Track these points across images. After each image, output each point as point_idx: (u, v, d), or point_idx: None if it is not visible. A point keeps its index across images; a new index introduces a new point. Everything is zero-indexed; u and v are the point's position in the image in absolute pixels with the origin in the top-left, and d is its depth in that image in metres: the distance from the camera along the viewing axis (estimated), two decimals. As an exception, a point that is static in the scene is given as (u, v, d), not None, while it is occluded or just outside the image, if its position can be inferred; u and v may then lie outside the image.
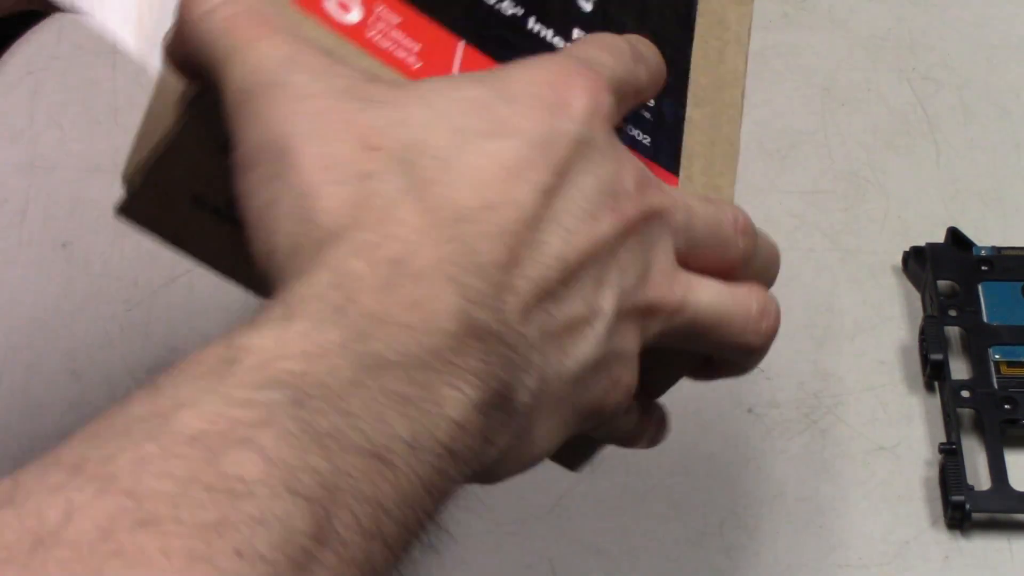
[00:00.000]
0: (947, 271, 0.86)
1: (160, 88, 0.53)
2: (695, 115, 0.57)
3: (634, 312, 0.49)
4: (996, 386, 0.81)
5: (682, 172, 0.56)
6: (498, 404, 0.44)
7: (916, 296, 0.87)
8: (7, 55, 1.00)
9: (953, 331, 0.84)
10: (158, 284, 0.88)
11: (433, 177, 0.45)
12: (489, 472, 0.46)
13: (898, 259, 0.88)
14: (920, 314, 0.86)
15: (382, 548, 0.40)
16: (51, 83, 0.99)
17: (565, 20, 0.57)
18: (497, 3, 0.56)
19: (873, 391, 0.83)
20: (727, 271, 0.52)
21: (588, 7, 0.58)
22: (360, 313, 0.42)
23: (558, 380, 0.47)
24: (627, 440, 0.56)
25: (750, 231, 0.53)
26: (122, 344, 0.85)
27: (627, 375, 0.49)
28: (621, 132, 0.54)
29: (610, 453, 0.80)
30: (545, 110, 0.47)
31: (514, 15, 0.56)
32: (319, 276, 0.43)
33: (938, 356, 0.82)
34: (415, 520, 0.42)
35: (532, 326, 0.45)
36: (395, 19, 0.53)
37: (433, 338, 0.43)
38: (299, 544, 0.38)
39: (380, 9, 0.53)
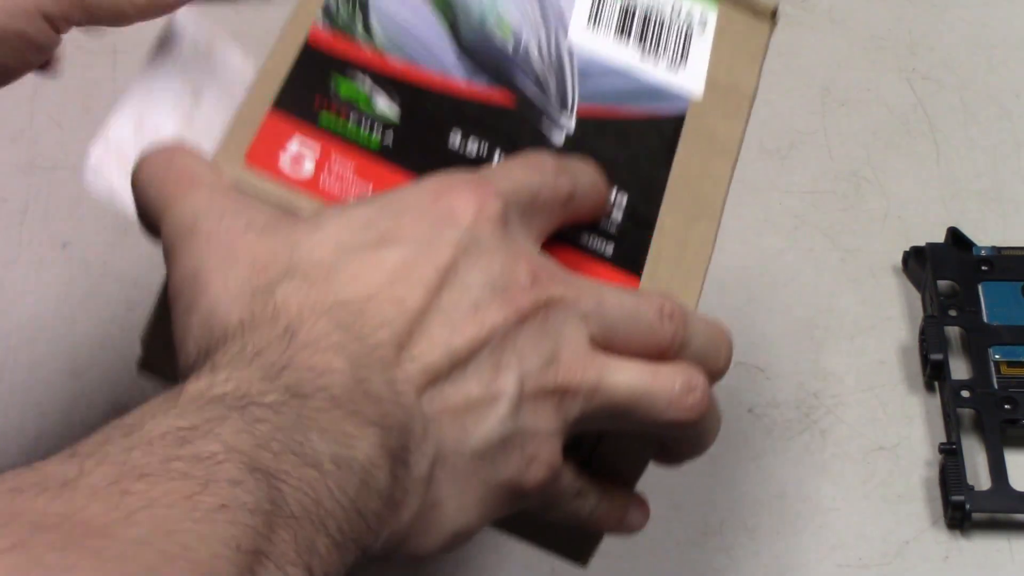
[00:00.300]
0: (947, 271, 0.86)
1: None
2: (668, 222, 0.61)
3: (543, 393, 0.52)
4: (996, 386, 0.81)
5: (645, 275, 0.59)
6: (398, 460, 0.49)
7: (916, 296, 0.87)
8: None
9: (953, 331, 0.85)
10: (158, 284, 0.87)
11: (318, 282, 0.51)
12: (407, 540, 0.51)
13: (898, 259, 0.88)
14: (920, 314, 0.86)
15: (326, 544, 0.46)
16: (51, 83, 0.99)
17: None
18: (462, 143, 0.61)
19: (873, 391, 0.83)
20: (657, 355, 0.55)
21: (560, 140, 0.62)
22: (270, 361, 0.48)
23: (460, 455, 0.51)
24: (597, 524, 0.59)
25: (678, 317, 0.56)
26: (122, 344, 0.85)
27: (544, 453, 0.53)
28: (577, 244, 0.59)
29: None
30: (429, 219, 0.52)
31: (479, 154, 0.61)
32: (230, 349, 0.49)
33: (938, 356, 0.82)
34: (351, 537, 0.47)
35: (426, 402, 0.50)
36: (349, 165, 0.59)
37: (333, 390, 0.48)
38: (264, 510, 0.44)
39: (334, 158, 0.59)
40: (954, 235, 0.87)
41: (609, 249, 0.60)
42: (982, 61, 0.99)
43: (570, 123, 0.63)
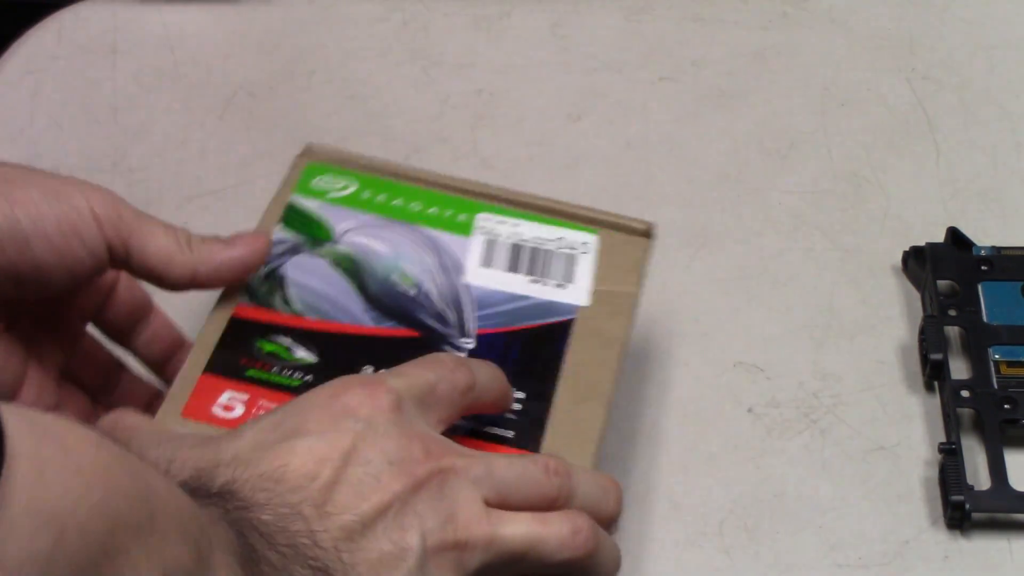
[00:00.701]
0: (947, 271, 0.86)
1: None
2: (561, 404, 0.72)
3: (444, 548, 0.61)
4: (996, 386, 0.81)
5: (543, 448, 0.69)
6: None
7: (916, 296, 0.87)
8: (7, 55, 1.01)
9: (953, 331, 0.85)
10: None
11: (239, 474, 0.59)
12: None
13: (898, 259, 0.88)
14: (920, 314, 0.86)
15: None
16: (51, 83, 0.99)
17: None
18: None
19: (873, 391, 0.84)
20: (548, 507, 0.64)
21: (470, 345, 0.74)
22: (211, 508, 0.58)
23: None
24: None
25: (563, 472, 0.65)
26: (122, 344, 0.85)
27: None
28: (480, 434, 0.69)
29: (610, 453, 0.81)
30: (329, 414, 0.62)
31: None
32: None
33: (938, 356, 0.82)
34: None
35: (345, 555, 0.59)
36: (276, 402, 0.69)
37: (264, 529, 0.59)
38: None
39: (260, 402, 0.70)
40: (954, 235, 0.87)
41: (510, 434, 0.70)
42: (982, 61, 0.99)
43: (470, 343, 0.74)
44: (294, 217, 0.78)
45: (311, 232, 0.77)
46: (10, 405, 0.46)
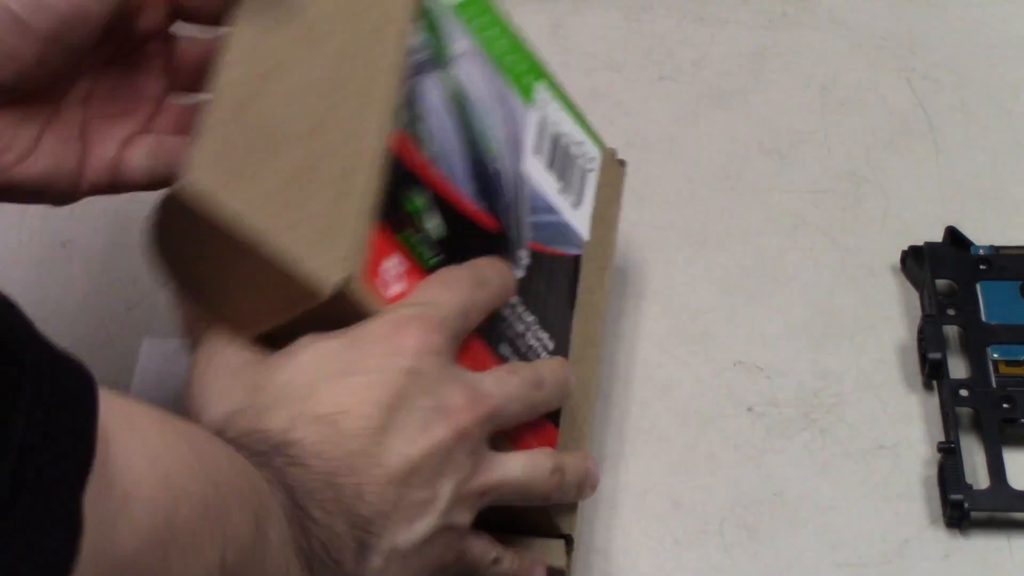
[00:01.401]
0: (945, 270, 0.86)
1: None
2: (574, 352, 0.75)
3: (469, 494, 0.65)
4: (994, 385, 0.81)
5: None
6: (358, 550, 0.61)
7: (915, 295, 0.87)
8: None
9: (952, 330, 0.85)
10: (158, 284, 0.88)
11: (300, 398, 0.62)
12: None
13: (897, 258, 0.88)
14: (919, 313, 0.86)
15: None
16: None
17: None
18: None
19: (872, 390, 0.84)
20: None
21: (521, 273, 0.73)
22: (269, 447, 0.61)
23: (406, 546, 0.63)
24: None
25: (546, 386, 0.69)
26: (122, 344, 0.85)
27: (456, 542, 0.66)
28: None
29: (611, 452, 0.81)
30: (384, 352, 0.63)
31: None
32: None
33: (937, 355, 0.82)
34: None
35: (386, 503, 0.62)
36: (414, 281, 0.67)
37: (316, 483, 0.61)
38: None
39: (411, 283, 0.67)
40: (952, 234, 0.87)
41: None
42: (982, 61, 0.99)
43: (526, 259, 0.74)
44: (424, 17, 0.72)
45: (435, 41, 0.72)
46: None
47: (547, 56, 0.81)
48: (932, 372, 0.82)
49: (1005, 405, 0.81)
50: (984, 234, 0.88)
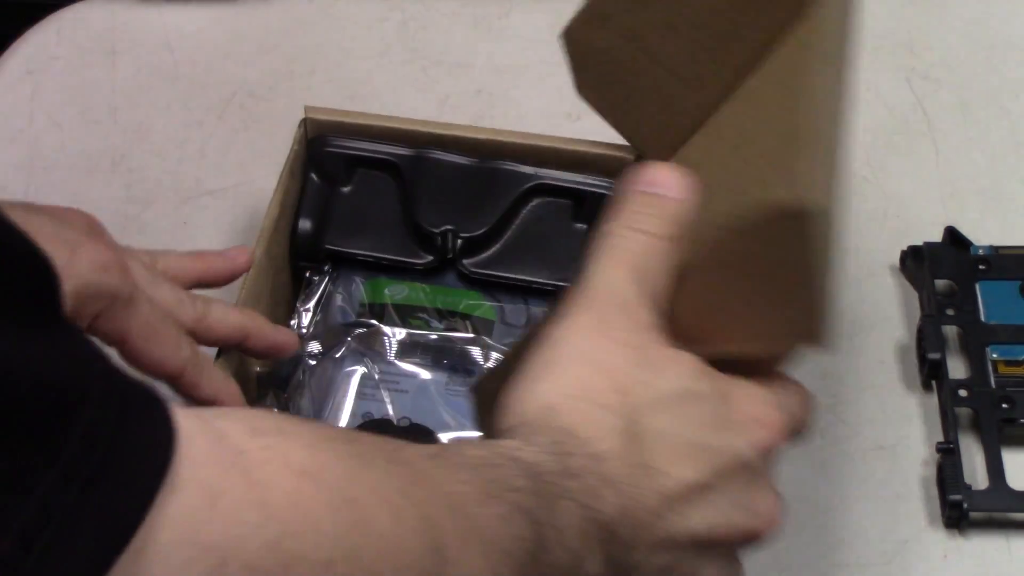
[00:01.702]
0: (945, 270, 0.86)
1: None
2: None
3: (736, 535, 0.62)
4: (994, 385, 0.81)
5: None
6: (616, 552, 0.57)
7: (914, 295, 0.87)
8: (7, 55, 1.01)
9: (951, 330, 0.85)
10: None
11: (637, 422, 0.58)
12: None
13: (896, 258, 0.88)
14: (918, 313, 0.86)
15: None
16: (51, 83, 0.99)
17: None
18: None
19: (871, 390, 0.84)
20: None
21: None
22: (569, 465, 0.56)
23: (649, 566, 0.58)
24: None
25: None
26: (121, 344, 0.85)
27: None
28: None
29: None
30: (742, 429, 0.60)
31: None
32: (548, 436, 0.57)
33: (936, 355, 0.82)
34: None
35: (647, 561, 0.58)
36: None
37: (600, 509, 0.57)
38: (528, 548, 0.54)
39: None
40: (952, 234, 0.87)
41: None
42: (981, 61, 0.99)
43: None
44: None
45: None
46: (210, 431, 0.45)
47: (547, 56, 0.81)
48: (931, 372, 0.82)
49: (1004, 405, 0.81)
50: (983, 234, 0.88)
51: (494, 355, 0.78)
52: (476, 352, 0.78)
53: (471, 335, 0.79)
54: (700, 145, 0.64)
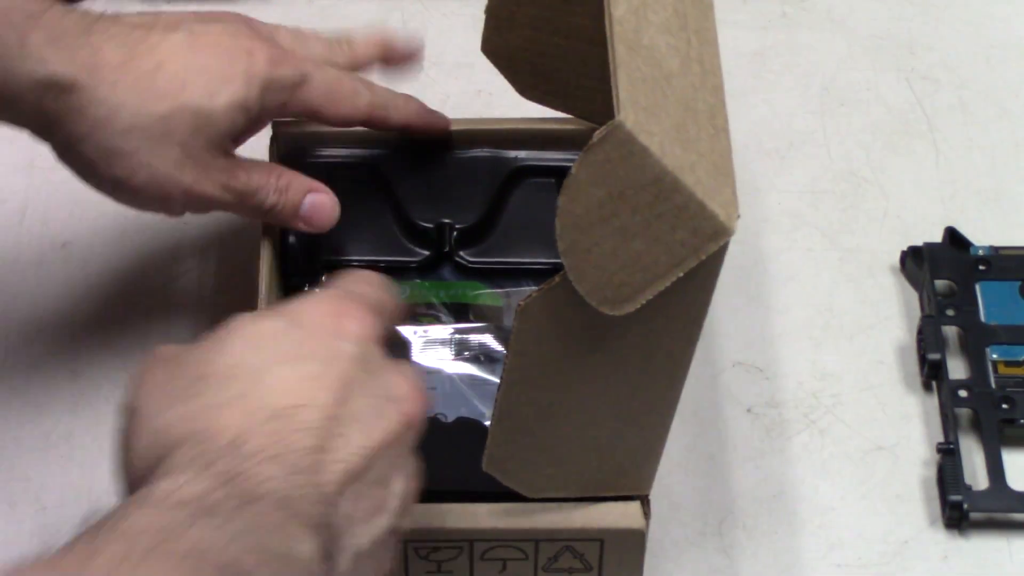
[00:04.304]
0: (945, 271, 0.86)
1: None
2: None
3: (409, 492, 0.62)
4: (994, 385, 0.81)
5: None
6: (328, 555, 0.58)
7: (914, 296, 0.87)
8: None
9: (951, 331, 0.85)
10: (158, 284, 0.88)
11: (248, 390, 0.59)
12: None
13: (896, 259, 0.88)
14: (918, 314, 0.86)
15: None
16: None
17: None
18: None
19: (871, 391, 0.84)
20: None
21: None
22: (223, 471, 0.56)
23: (366, 546, 0.60)
24: None
25: None
26: (122, 344, 0.85)
27: (393, 551, 0.63)
28: None
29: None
30: (328, 335, 0.61)
31: None
32: (184, 455, 0.57)
33: (936, 356, 0.82)
34: None
35: (344, 502, 0.58)
36: None
37: (276, 496, 0.57)
38: None
39: None
40: (952, 235, 0.87)
41: None
42: (981, 61, 0.99)
43: None
44: None
45: None
46: None
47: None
48: (931, 373, 0.82)
49: (1004, 406, 0.81)
50: (983, 234, 0.88)
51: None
52: (491, 339, 0.78)
53: (484, 323, 0.79)
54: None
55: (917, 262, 0.86)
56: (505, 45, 0.73)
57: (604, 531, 0.71)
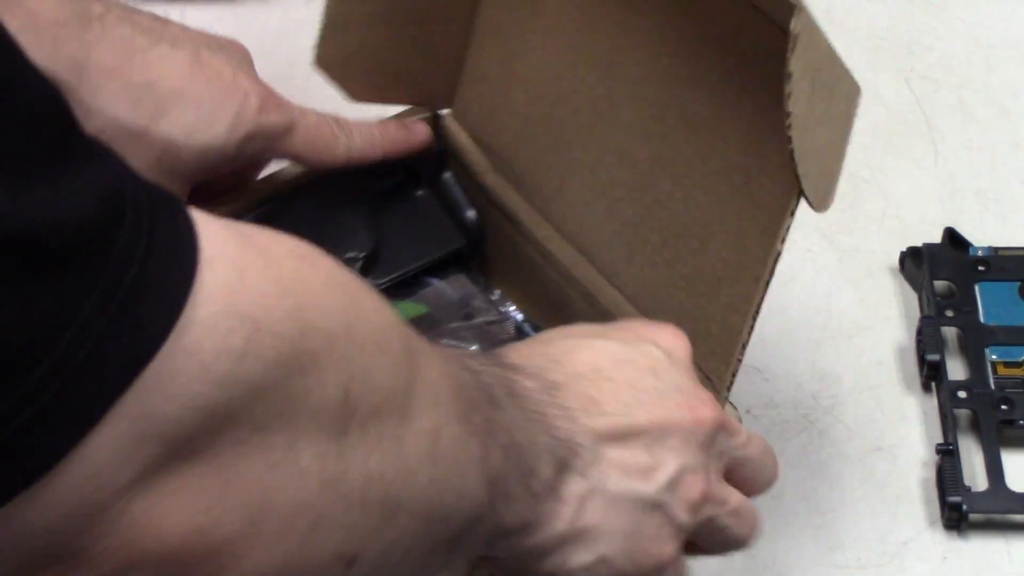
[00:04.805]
0: (944, 271, 0.86)
1: None
2: None
3: (691, 490, 0.63)
4: (993, 386, 0.81)
5: None
6: (562, 467, 0.60)
7: (913, 296, 0.87)
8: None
9: (950, 331, 0.85)
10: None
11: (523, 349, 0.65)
12: (555, 551, 0.61)
13: (895, 259, 0.88)
14: (917, 314, 0.86)
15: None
16: (50, 85, 0.99)
17: None
18: None
19: (870, 391, 0.84)
20: (755, 491, 0.67)
21: None
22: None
23: (614, 491, 0.61)
24: None
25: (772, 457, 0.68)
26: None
27: (668, 542, 0.63)
28: None
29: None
30: (634, 335, 0.66)
31: None
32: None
33: (935, 356, 0.82)
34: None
35: (600, 442, 0.61)
36: None
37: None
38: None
39: None
40: (951, 235, 0.87)
41: None
42: (980, 61, 0.99)
43: None
44: None
45: None
46: (218, 219, 0.48)
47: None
48: (930, 373, 0.82)
49: (1004, 407, 0.81)
50: (983, 235, 0.88)
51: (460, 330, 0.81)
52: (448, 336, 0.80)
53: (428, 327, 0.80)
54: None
55: (916, 263, 0.86)
56: (342, 51, 0.76)
57: None
